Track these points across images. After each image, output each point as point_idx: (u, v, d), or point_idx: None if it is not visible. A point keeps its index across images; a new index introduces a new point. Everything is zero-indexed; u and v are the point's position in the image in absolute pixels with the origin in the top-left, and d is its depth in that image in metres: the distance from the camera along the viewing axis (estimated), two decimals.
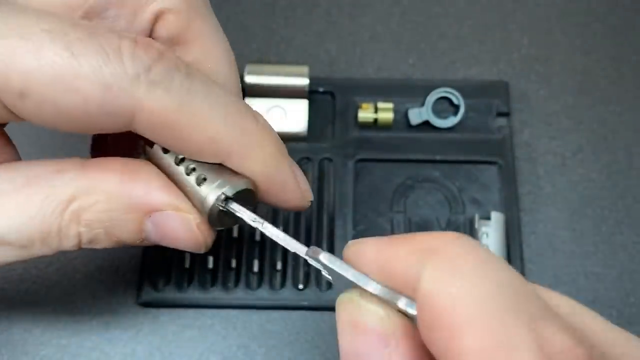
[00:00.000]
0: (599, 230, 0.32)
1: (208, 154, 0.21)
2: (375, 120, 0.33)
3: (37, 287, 0.31)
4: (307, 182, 0.24)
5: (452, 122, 0.33)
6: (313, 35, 0.37)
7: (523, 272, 0.31)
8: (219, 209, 0.21)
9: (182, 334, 0.30)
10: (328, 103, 0.34)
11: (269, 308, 0.30)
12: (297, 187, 0.23)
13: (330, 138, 0.34)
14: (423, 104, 0.34)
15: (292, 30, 0.37)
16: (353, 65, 0.36)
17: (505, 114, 0.34)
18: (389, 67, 0.36)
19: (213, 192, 0.21)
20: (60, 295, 0.30)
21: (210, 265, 0.30)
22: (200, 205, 0.21)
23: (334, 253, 0.22)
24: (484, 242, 0.30)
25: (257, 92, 0.33)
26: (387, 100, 0.34)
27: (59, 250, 0.21)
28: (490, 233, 0.31)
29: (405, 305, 0.16)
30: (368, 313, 0.16)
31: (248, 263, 0.31)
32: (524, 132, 0.34)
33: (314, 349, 0.30)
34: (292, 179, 0.23)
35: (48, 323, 0.30)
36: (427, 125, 0.34)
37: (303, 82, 0.33)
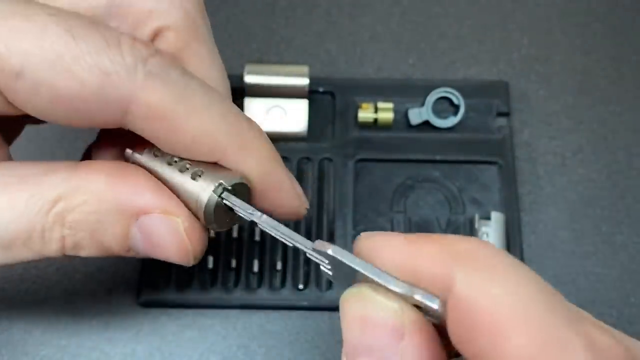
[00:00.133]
0: (599, 230, 0.32)
1: (204, 150, 0.21)
2: (375, 120, 0.33)
3: (37, 287, 0.31)
4: (301, 189, 0.24)
5: (452, 122, 0.33)
6: (313, 35, 0.37)
7: None
8: (216, 204, 0.21)
9: (182, 334, 0.30)
10: (328, 103, 0.34)
11: (269, 308, 0.30)
12: (293, 188, 0.23)
13: (330, 138, 0.34)
14: (423, 104, 0.34)
15: (292, 30, 0.37)
16: (353, 65, 0.36)
17: (505, 114, 0.34)
18: (389, 67, 0.36)
19: (210, 184, 0.21)
20: (60, 295, 0.30)
21: (210, 266, 0.30)
22: (196, 202, 0.21)
23: None
24: None
25: (257, 92, 0.33)
26: (387, 100, 0.34)
27: (43, 256, 0.21)
28: (490, 233, 0.31)
29: (424, 299, 0.16)
30: (382, 307, 0.16)
31: (248, 263, 0.31)
32: (524, 132, 0.34)
33: (314, 349, 0.30)
34: (288, 181, 0.23)
35: (48, 323, 0.30)
36: (427, 125, 0.34)
37: (303, 82, 0.32)
